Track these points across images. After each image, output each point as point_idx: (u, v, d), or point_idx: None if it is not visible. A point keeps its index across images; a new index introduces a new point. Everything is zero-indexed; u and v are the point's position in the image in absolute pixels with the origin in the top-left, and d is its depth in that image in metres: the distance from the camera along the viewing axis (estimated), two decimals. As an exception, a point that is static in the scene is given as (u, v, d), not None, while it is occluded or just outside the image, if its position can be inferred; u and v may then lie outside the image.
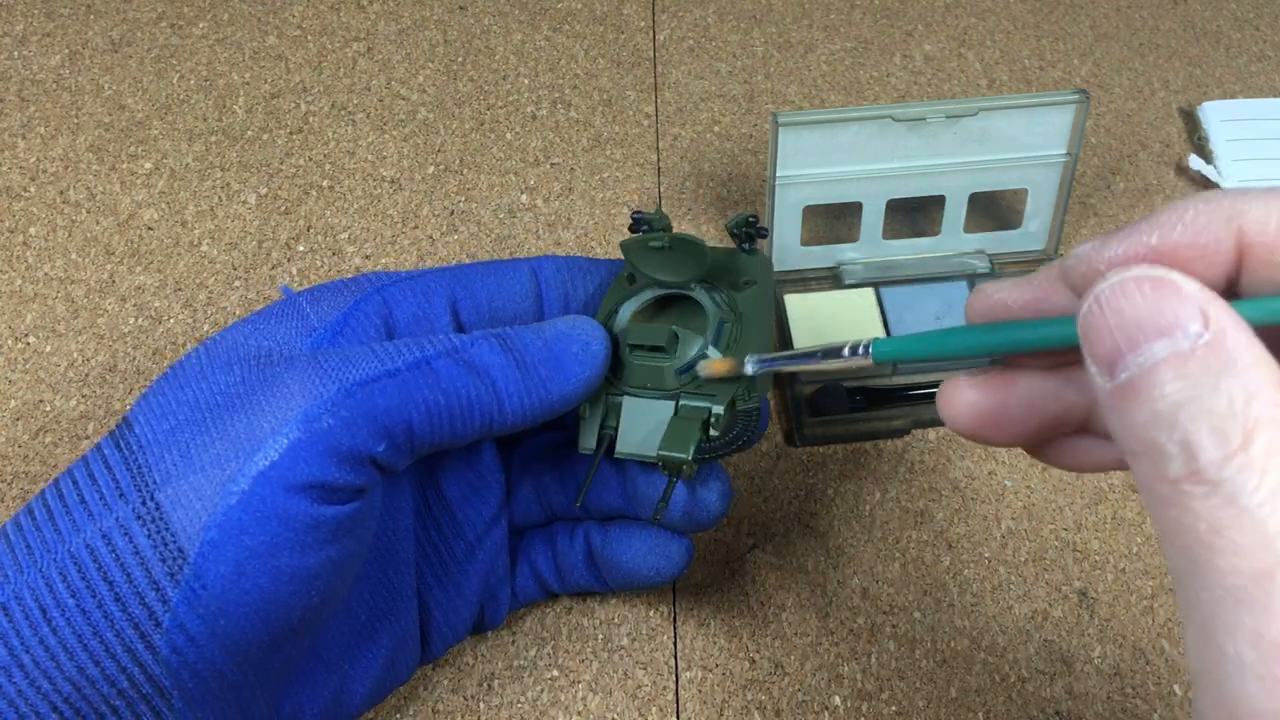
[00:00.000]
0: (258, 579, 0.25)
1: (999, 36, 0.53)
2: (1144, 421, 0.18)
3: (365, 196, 0.47)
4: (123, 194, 0.47)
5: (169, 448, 0.26)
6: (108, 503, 0.25)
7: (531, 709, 0.34)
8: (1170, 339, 0.18)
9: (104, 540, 0.25)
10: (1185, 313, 0.18)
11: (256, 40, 0.52)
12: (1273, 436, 0.17)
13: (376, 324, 0.29)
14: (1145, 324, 0.18)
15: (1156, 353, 0.18)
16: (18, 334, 0.43)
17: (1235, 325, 0.18)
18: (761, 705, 0.35)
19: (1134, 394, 0.18)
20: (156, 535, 0.25)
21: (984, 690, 0.35)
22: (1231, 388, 0.17)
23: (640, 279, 0.33)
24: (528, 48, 0.52)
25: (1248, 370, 0.18)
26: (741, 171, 0.48)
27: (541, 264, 0.32)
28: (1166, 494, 0.18)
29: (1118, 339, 0.19)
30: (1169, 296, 0.18)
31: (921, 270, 0.44)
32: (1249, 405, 0.17)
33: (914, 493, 0.39)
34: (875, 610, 0.36)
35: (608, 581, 0.34)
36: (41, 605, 0.24)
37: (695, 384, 0.30)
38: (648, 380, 0.30)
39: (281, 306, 0.29)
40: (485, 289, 0.31)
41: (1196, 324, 0.18)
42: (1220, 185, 0.46)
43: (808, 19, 0.54)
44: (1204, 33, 0.53)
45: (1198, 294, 0.18)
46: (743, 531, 0.38)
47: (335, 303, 0.29)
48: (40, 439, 0.40)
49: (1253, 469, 0.17)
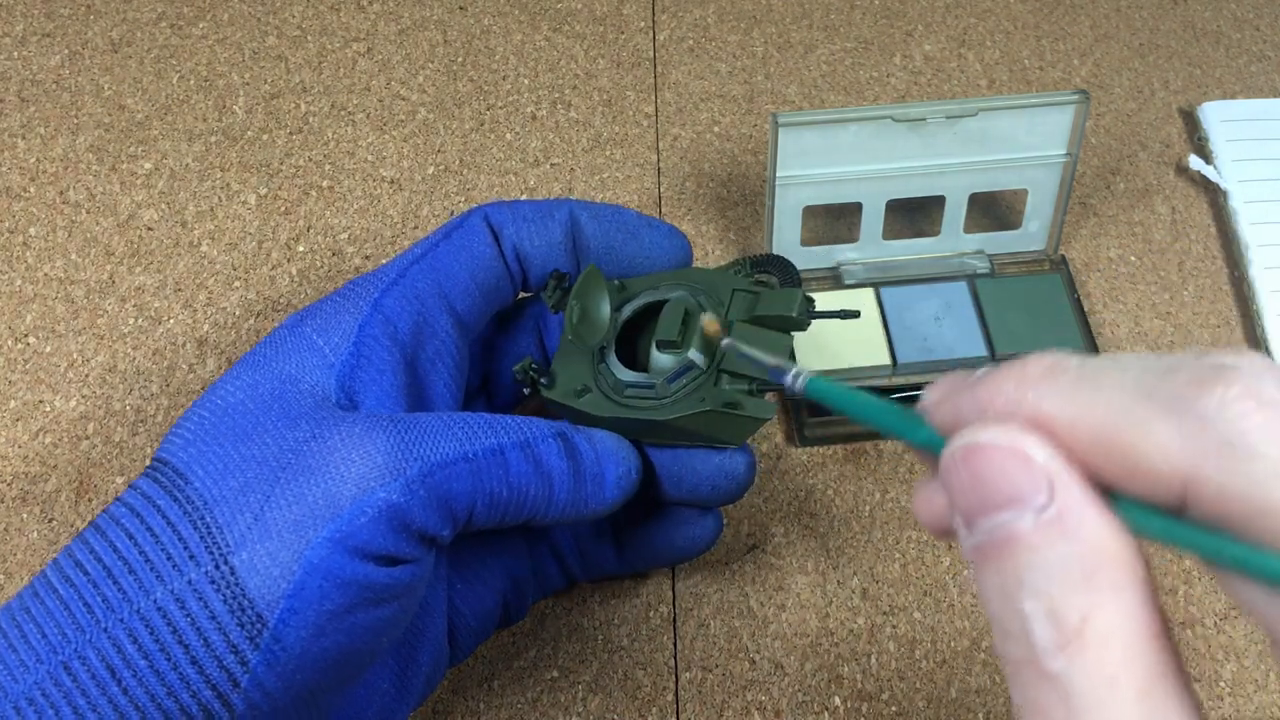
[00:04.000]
0: (336, 637, 0.25)
1: (999, 36, 0.53)
2: (994, 590, 0.17)
3: (365, 197, 0.47)
4: (123, 194, 0.47)
5: (240, 509, 0.26)
6: (177, 565, 0.25)
7: (531, 710, 0.34)
8: (1016, 510, 0.17)
9: (176, 603, 0.25)
10: (1031, 483, 0.17)
11: (256, 40, 0.52)
12: (1111, 626, 0.16)
13: (389, 346, 0.29)
14: (996, 489, 0.17)
15: (1004, 522, 0.17)
16: (18, 334, 0.43)
17: (1082, 500, 0.17)
18: (761, 706, 0.35)
19: (985, 559, 0.17)
20: (233, 600, 0.25)
21: (984, 691, 0.35)
22: (1070, 568, 0.16)
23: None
24: (528, 48, 0.52)
25: (1090, 550, 0.16)
26: (741, 171, 0.48)
27: (498, 222, 0.32)
28: (1010, 672, 0.17)
29: (970, 499, 0.18)
30: (1019, 464, 0.17)
31: (921, 270, 0.44)
32: (1087, 586, 0.16)
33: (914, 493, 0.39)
34: (875, 610, 0.36)
35: (634, 562, 0.34)
36: (110, 665, 0.24)
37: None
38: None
39: (287, 337, 0.29)
40: (462, 269, 0.31)
41: (1042, 496, 0.17)
42: (1220, 185, 0.46)
43: (808, 19, 0.54)
44: (1204, 33, 0.53)
45: (1047, 463, 0.17)
46: (743, 532, 0.38)
47: (340, 329, 0.29)
48: (40, 439, 0.40)
49: (1085, 661, 0.16)
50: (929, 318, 0.42)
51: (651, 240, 0.33)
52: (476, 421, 0.28)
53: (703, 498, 0.32)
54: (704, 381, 0.30)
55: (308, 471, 0.26)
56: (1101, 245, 0.46)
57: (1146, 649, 0.16)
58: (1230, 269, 0.45)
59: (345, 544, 0.25)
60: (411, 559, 0.27)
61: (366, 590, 0.26)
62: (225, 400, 0.28)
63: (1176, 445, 0.16)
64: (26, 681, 0.24)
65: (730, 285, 0.32)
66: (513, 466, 0.28)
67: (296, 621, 0.25)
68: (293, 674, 0.25)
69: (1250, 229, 0.45)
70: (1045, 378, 0.18)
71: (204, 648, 0.25)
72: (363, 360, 0.29)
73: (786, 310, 0.31)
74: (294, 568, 0.25)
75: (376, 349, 0.29)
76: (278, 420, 0.27)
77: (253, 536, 0.25)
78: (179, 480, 0.26)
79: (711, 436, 0.30)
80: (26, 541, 0.38)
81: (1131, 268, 0.45)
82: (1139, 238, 0.46)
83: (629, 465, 0.30)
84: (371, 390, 0.29)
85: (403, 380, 0.29)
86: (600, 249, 0.33)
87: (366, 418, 0.27)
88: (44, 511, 0.38)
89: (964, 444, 0.18)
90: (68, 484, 0.39)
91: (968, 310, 0.42)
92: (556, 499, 0.29)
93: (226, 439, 0.27)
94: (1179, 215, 0.47)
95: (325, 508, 0.25)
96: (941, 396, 0.20)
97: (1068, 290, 0.43)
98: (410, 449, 0.26)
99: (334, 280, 0.44)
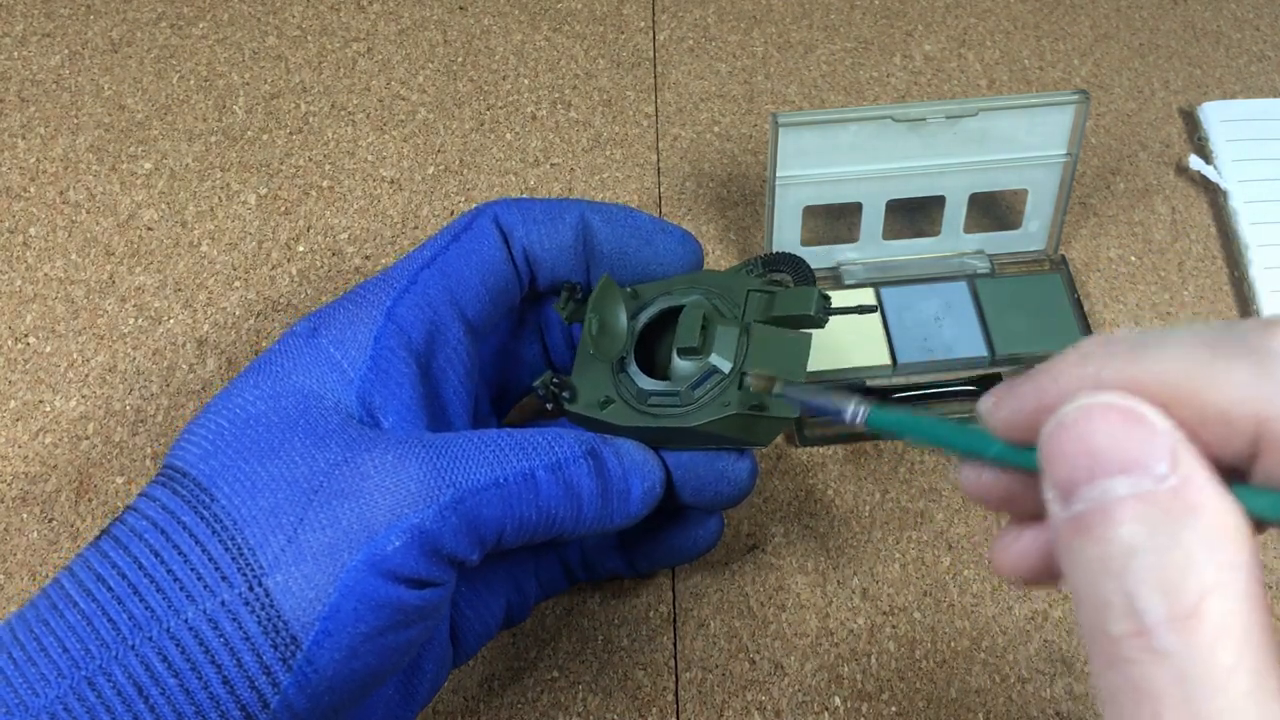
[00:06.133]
0: (367, 659, 0.26)
1: (999, 36, 0.53)
2: (1092, 563, 0.16)
3: (365, 197, 0.47)
4: (123, 194, 0.47)
5: (273, 531, 0.26)
6: (208, 585, 0.25)
7: (531, 710, 0.34)
8: (1133, 477, 0.16)
9: (209, 623, 0.25)
10: (1153, 451, 0.16)
11: (256, 40, 0.52)
12: (1229, 607, 0.15)
13: (405, 358, 0.29)
14: (1108, 456, 0.17)
15: (1116, 489, 0.16)
16: (18, 334, 0.43)
17: (1205, 475, 0.16)
18: (762, 706, 0.35)
19: (1086, 529, 0.17)
20: (267, 622, 0.25)
21: (984, 691, 0.35)
22: (1191, 543, 0.16)
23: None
24: (528, 48, 0.52)
25: (1211, 526, 0.16)
26: (741, 171, 0.48)
27: (508, 224, 0.32)
28: (1107, 650, 0.16)
29: (1077, 467, 0.17)
30: (1138, 431, 0.17)
31: (921, 270, 0.44)
32: (1207, 565, 0.16)
33: (914, 493, 0.39)
34: (875, 611, 0.36)
35: (637, 564, 0.34)
36: (137, 683, 0.24)
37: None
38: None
39: (302, 348, 0.29)
40: (473, 274, 0.31)
41: (1163, 465, 0.16)
42: (1220, 185, 0.46)
43: (808, 19, 0.54)
44: (1204, 33, 0.53)
45: (1169, 433, 0.17)
46: (743, 532, 0.38)
47: (356, 341, 0.29)
48: (40, 439, 0.40)
49: (1201, 641, 0.15)
50: (929, 318, 0.42)
51: (665, 246, 0.33)
52: (507, 443, 0.28)
53: (705, 502, 0.32)
54: (728, 385, 0.30)
55: (341, 496, 0.26)
56: (1101, 245, 0.46)
57: (1261, 634, 0.16)
58: (1230, 269, 0.45)
59: (379, 568, 0.25)
60: (440, 582, 0.27)
61: (399, 613, 0.26)
62: (245, 411, 0.28)
63: (1249, 385, 0.16)
64: (48, 696, 0.24)
65: (744, 286, 0.32)
66: (543, 490, 0.28)
67: (330, 644, 0.25)
68: (321, 695, 0.25)
69: (1250, 229, 0.45)
70: (1102, 349, 0.18)
71: (236, 668, 0.25)
72: (381, 374, 0.29)
73: (804, 309, 0.30)
74: (329, 590, 0.25)
75: (394, 361, 0.29)
76: (305, 439, 0.27)
77: (287, 559, 0.25)
78: (204, 496, 0.26)
79: (737, 439, 0.30)
80: (26, 541, 0.38)
81: (1131, 268, 0.45)
82: (1139, 238, 0.46)
83: (654, 479, 0.30)
84: (392, 405, 0.28)
85: (420, 391, 0.29)
86: (612, 253, 0.33)
87: (399, 443, 0.27)
88: (44, 511, 0.38)
89: (1078, 406, 0.17)
90: (68, 484, 0.39)
91: (968, 310, 0.42)
92: (584, 517, 0.29)
93: (251, 455, 0.27)
94: (1179, 215, 0.47)
95: (360, 532, 0.26)
96: (998, 398, 0.20)
97: (1068, 290, 0.43)
98: (443, 475, 0.26)
99: (334, 280, 0.44)
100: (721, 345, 0.30)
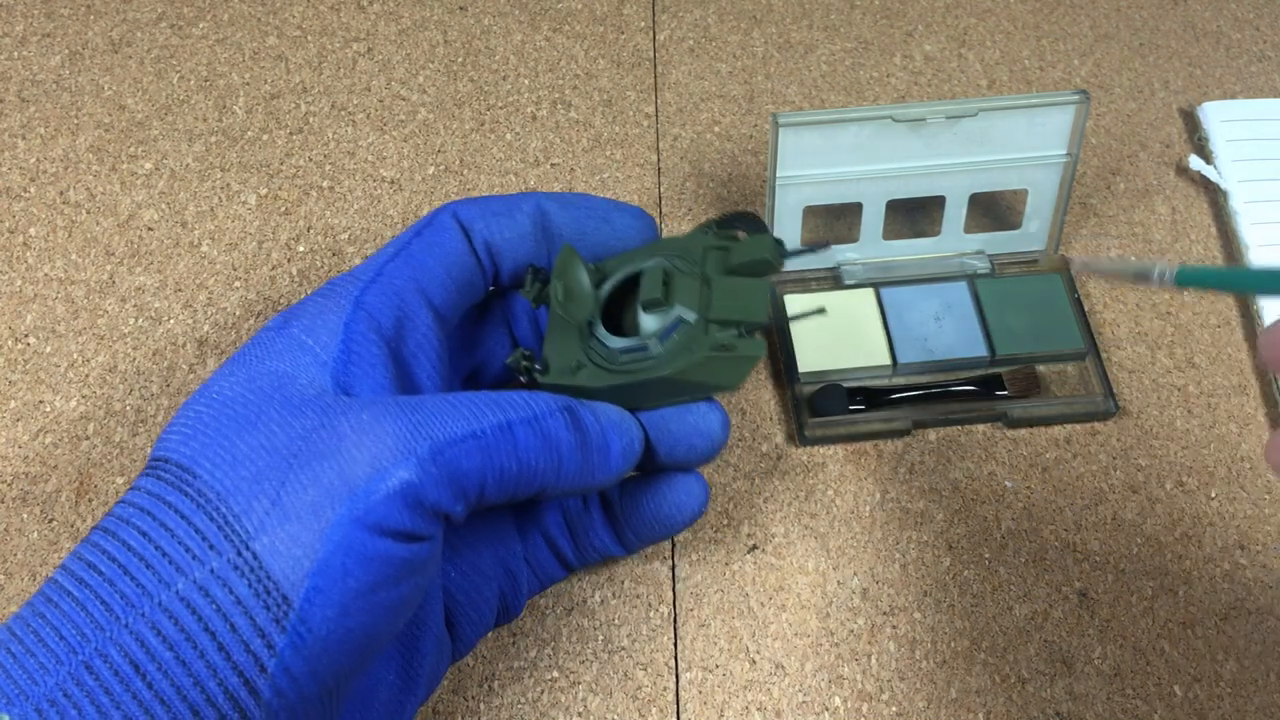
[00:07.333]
0: (360, 617, 0.26)
1: (999, 37, 0.53)
2: None
3: (365, 197, 0.47)
4: (123, 194, 0.47)
5: (255, 497, 0.26)
6: (196, 555, 0.25)
7: (532, 710, 0.34)
8: None
9: (200, 592, 0.25)
10: None
11: (256, 40, 0.52)
12: None
13: (376, 341, 0.30)
14: None
15: None
16: (18, 334, 0.43)
17: None
18: (762, 706, 0.35)
19: None
20: (258, 584, 0.25)
21: (984, 691, 0.35)
22: None
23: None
24: (528, 48, 0.52)
25: None
26: (741, 171, 0.48)
27: (467, 219, 0.33)
28: None
29: None
30: None
31: (921, 271, 0.44)
32: None
33: (914, 493, 0.39)
34: (875, 611, 0.36)
35: (627, 540, 0.34)
36: (133, 661, 0.24)
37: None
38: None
39: (275, 338, 0.30)
40: (437, 264, 0.32)
41: None
42: (1220, 185, 0.46)
43: (808, 19, 0.54)
44: (1204, 33, 0.53)
45: None
46: (743, 532, 0.38)
47: (327, 328, 0.30)
48: (40, 439, 0.40)
49: None
50: (929, 318, 0.42)
51: (622, 222, 0.34)
52: (482, 400, 0.28)
53: (681, 458, 0.32)
54: (695, 333, 0.31)
55: (320, 456, 0.26)
56: (1101, 245, 0.46)
57: None
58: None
59: (364, 521, 0.26)
60: (427, 536, 0.27)
61: (388, 566, 0.26)
62: (221, 395, 0.28)
63: None
64: (47, 684, 0.24)
65: (702, 245, 0.33)
66: (521, 441, 0.28)
67: (322, 600, 0.25)
68: (318, 657, 0.25)
69: (1250, 229, 0.45)
70: None
71: (230, 633, 0.25)
72: (353, 356, 0.29)
73: (760, 254, 0.32)
74: (316, 547, 0.25)
75: (365, 344, 0.29)
76: (281, 410, 0.27)
77: (272, 521, 0.25)
78: (185, 475, 0.27)
79: (709, 384, 0.31)
80: (26, 541, 0.38)
81: (1131, 268, 0.45)
82: (1139, 238, 0.46)
83: (632, 436, 0.31)
84: (365, 384, 0.29)
85: (392, 373, 0.30)
86: (572, 235, 0.34)
87: (372, 403, 0.28)
88: (44, 511, 0.38)
89: None
90: (68, 484, 0.39)
91: (968, 310, 0.42)
92: (565, 471, 0.29)
93: (229, 431, 0.27)
94: (1179, 215, 0.47)
95: (342, 488, 0.26)
96: None
97: (1068, 290, 0.43)
98: (419, 429, 0.27)
99: (334, 280, 0.44)
100: (684, 295, 0.31)
